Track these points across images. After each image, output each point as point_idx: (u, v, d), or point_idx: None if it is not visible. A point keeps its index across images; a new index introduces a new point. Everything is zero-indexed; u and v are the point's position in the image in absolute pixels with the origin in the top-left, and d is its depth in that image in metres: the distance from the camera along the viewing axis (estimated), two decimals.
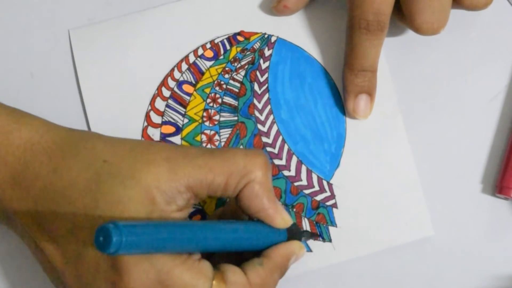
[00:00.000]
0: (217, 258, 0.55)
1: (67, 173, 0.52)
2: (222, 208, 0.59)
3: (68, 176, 0.52)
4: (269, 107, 0.63)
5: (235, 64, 0.63)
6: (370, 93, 0.61)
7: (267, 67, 0.63)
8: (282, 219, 0.54)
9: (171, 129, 0.62)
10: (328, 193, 0.62)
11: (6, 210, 0.54)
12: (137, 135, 0.62)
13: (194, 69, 0.63)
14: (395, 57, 0.63)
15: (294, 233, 0.56)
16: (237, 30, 0.64)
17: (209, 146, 0.62)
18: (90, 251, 0.51)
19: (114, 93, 0.62)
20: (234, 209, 0.57)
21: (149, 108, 0.62)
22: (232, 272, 0.52)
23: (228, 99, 0.63)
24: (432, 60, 0.60)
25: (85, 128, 0.62)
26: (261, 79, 0.63)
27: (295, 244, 0.55)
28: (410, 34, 0.63)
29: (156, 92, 0.63)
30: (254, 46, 0.63)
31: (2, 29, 0.63)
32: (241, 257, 0.55)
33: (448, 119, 0.63)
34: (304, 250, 0.56)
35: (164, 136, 0.62)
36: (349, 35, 0.59)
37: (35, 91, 0.63)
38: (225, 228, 0.52)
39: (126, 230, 0.45)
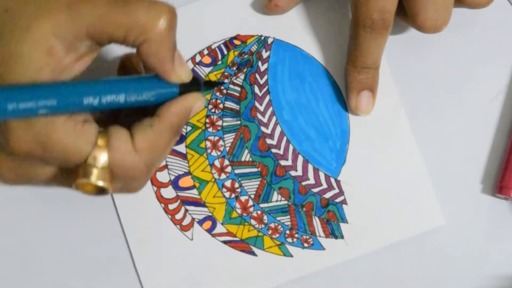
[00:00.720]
0: (123, 121, 0.54)
1: None
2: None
3: None
4: (271, 108, 0.63)
5: (234, 68, 0.63)
6: (372, 90, 0.61)
7: (266, 69, 0.63)
8: (178, 76, 0.53)
9: None
10: (337, 190, 0.62)
11: None
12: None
13: None
14: (395, 57, 0.63)
15: (191, 85, 0.53)
16: (233, 34, 0.64)
17: (214, 152, 0.62)
18: None
19: None
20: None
21: None
22: (117, 136, 0.51)
23: (229, 104, 0.63)
24: (432, 60, 0.60)
25: None
26: (261, 82, 0.63)
27: (190, 97, 0.53)
28: (410, 33, 0.63)
29: None
30: (252, 49, 0.63)
31: None
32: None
33: (448, 119, 0.63)
34: (202, 101, 0.54)
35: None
36: (354, 33, 0.59)
37: None
38: (108, 84, 0.51)
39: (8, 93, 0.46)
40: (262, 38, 0.64)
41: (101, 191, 0.51)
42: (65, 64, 0.50)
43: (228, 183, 0.62)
